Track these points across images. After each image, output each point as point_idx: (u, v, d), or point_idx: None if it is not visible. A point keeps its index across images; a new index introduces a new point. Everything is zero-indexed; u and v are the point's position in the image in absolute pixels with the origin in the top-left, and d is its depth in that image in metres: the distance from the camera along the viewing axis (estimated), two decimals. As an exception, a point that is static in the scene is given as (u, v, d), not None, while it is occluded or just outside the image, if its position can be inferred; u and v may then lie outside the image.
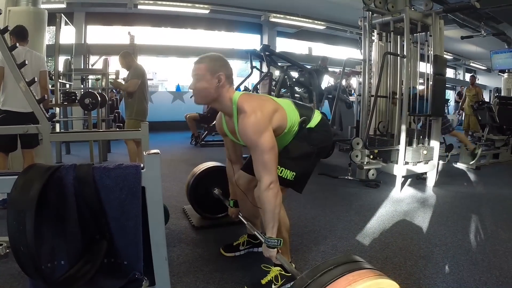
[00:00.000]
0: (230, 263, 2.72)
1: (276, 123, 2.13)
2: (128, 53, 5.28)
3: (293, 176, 2.27)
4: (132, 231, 1.32)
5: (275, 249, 2.04)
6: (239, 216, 2.77)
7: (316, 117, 2.39)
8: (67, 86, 6.85)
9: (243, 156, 2.77)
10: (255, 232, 2.37)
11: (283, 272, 2.34)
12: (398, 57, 5.16)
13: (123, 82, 5.46)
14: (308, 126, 2.34)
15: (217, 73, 2.04)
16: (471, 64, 19.08)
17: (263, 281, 2.35)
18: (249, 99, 2.12)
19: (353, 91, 10.18)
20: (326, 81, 10.04)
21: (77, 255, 1.30)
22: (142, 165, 1.34)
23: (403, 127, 4.79)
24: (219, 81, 2.04)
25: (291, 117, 2.25)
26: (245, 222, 2.63)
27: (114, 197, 1.29)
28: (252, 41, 14.03)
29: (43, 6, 4.90)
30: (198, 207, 3.43)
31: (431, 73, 4.94)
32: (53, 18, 5.84)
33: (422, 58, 5.24)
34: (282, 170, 2.24)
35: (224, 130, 2.40)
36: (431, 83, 4.90)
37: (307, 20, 12.58)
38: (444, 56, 5.38)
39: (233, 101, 2.10)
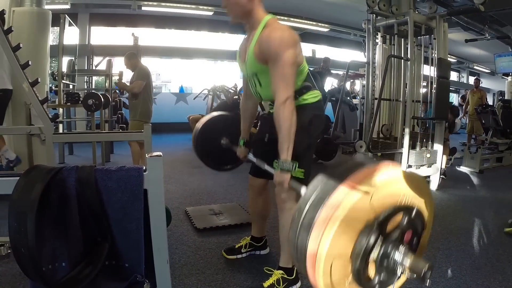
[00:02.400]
0: (232, 266, 2.71)
1: (298, 51, 2.10)
2: (133, 54, 5.29)
3: (302, 174, 2.14)
4: (134, 233, 1.32)
5: (289, 174, 1.93)
6: (248, 157, 2.60)
7: (317, 94, 2.32)
8: (71, 86, 6.87)
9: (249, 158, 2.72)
10: (266, 167, 2.20)
11: (285, 276, 2.33)
12: (402, 60, 5.15)
13: (127, 83, 5.47)
14: (308, 93, 2.27)
15: None
16: (475, 67, 19.03)
17: (265, 284, 2.34)
18: (280, 22, 2.13)
19: (357, 96, 10.17)
20: (330, 84, 10.05)
21: (78, 257, 1.30)
22: (144, 168, 1.33)
23: (407, 130, 4.78)
24: None
25: (304, 62, 2.24)
26: (254, 160, 2.44)
27: (116, 200, 1.29)
28: (255, 43, 14.03)
29: (47, 6, 4.91)
30: (207, 159, 3.10)
31: (435, 76, 4.94)
32: (57, 18, 5.85)
33: (426, 61, 5.23)
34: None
35: (238, 53, 2.37)
36: (434, 86, 4.90)
37: (310, 22, 12.57)
38: (448, 59, 5.37)
39: (264, 19, 2.10)
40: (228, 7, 2.09)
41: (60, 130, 6.49)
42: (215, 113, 3.07)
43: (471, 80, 11.80)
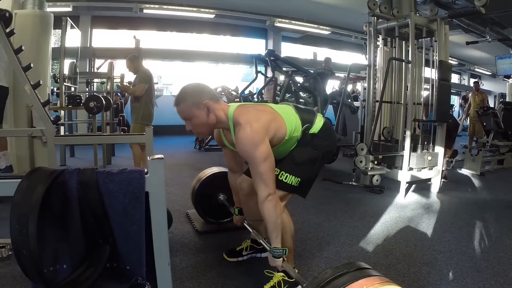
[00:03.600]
0: (233, 268, 2.71)
1: (273, 132, 2.11)
2: (135, 57, 5.30)
3: (298, 182, 2.27)
4: (135, 236, 1.32)
5: (281, 259, 2.05)
6: (244, 224, 2.77)
7: (319, 122, 2.37)
8: (72, 89, 6.87)
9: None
10: (261, 241, 2.37)
11: (286, 278, 2.33)
12: (403, 63, 5.15)
13: (130, 86, 5.48)
14: (311, 132, 2.33)
15: (199, 103, 2.04)
16: (476, 69, 19.03)
17: (266, 287, 2.34)
18: (244, 111, 2.11)
19: (359, 96, 10.16)
20: (331, 86, 10.04)
21: (80, 259, 1.30)
22: (146, 170, 1.34)
23: (408, 133, 4.78)
24: (207, 109, 2.06)
25: (290, 123, 2.23)
26: (251, 230, 2.62)
27: (117, 202, 1.29)
28: (257, 46, 14.05)
29: (49, 9, 4.90)
30: (203, 212, 3.41)
31: (436, 78, 4.94)
32: (59, 21, 5.86)
33: (427, 64, 5.23)
34: (287, 176, 2.24)
35: (224, 142, 2.43)
36: (436, 88, 4.90)
37: (312, 25, 12.58)
38: (449, 61, 5.37)
39: (229, 116, 2.10)
40: (195, 128, 2.12)
41: (62, 132, 6.49)
42: (214, 169, 3.37)
43: (472, 82, 11.78)
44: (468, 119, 10.55)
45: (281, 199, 2.24)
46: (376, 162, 5.07)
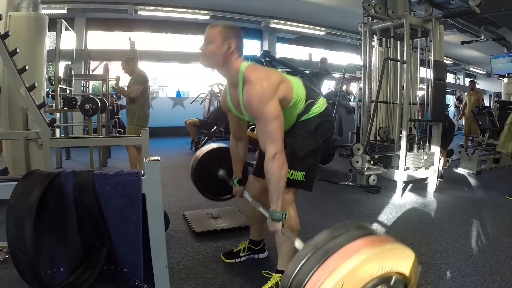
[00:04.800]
0: (231, 270, 2.71)
1: (282, 94, 2.10)
2: (131, 59, 5.29)
3: (303, 176, 2.26)
4: (132, 238, 1.32)
5: (280, 223, 2.00)
6: (244, 195, 2.70)
7: (322, 104, 2.37)
8: (68, 91, 6.86)
9: (249, 162, 2.76)
10: (260, 209, 2.30)
11: (284, 279, 2.33)
12: (398, 63, 5.17)
13: (125, 88, 5.47)
14: (312, 112, 2.31)
15: (228, 40, 2.05)
16: (471, 69, 19.09)
17: (264, 288, 2.34)
18: (256, 69, 2.11)
19: (352, 97, 10.16)
20: (327, 87, 10.04)
21: (77, 262, 1.30)
22: (142, 172, 1.33)
23: (404, 133, 4.79)
24: (229, 48, 2.05)
25: (297, 91, 2.22)
26: (250, 200, 2.55)
27: (114, 204, 1.29)
28: (252, 47, 14.04)
29: (44, 11, 4.88)
30: (204, 190, 3.20)
31: (431, 78, 4.95)
32: (53, 23, 5.84)
33: (422, 64, 5.25)
34: (292, 172, 2.21)
35: (228, 104, 2.38)
36: (431, 88, 4.91)
37: (307, 26, 12.59)
38: (444, 61, 5.38)
39: (240, 71, 2.08)
40: (203, 53, 2.11)
41: (57, 135, 6.47)
42: (213, 145, 3.17)
43: (468, 81, 11.85)
44: (464, 118, 10.56)
45: (289, 196, 2.25)
46: (372, 162, 5.08)
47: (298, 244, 1.81)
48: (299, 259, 1.26)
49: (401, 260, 1.28)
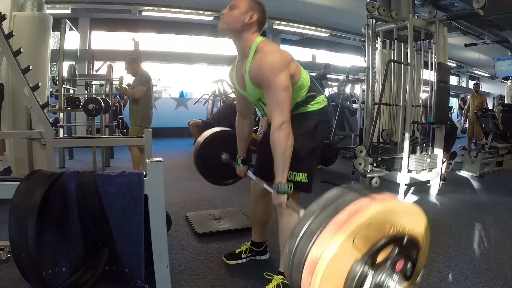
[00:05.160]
0: (232, 271, 2.71)
1: (292, 71, 2.10)
2: (134, 59, 5.30)
3: (306, 177, 2.23)
4: (134, 238, 1.32)
5: (285, 195, 1.98)
6: (248, 174, 2.65)
7: (322, 100, 2.35)
8: (71, 91, 6.87)
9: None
10: (264, 185, 2.27)
11: (285, 281, 2.32)
12: (402, 65, 5.16)
13: (128, 88, 5.48)
14: (312, 106, 2.30)
15: (252, 11, 2.07)
16: (475, 71, 19.06)
17: (265, 289, 2.34)
18: (270, 43, 2.14)
19: (356, 99, 10.16)
20: (327, 91, 10.03)
21: (79, 262, 1.30)
22: (145, 173, 1.34)
23: (407, 135, 4.78)
24: (250, 18, 2.06)
25: (303, 75, 2.22)
26: (254, 178, 2.48)
27: (116, 205, 1.29)
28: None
29: (48, 11, 4.90)
30: (207, 174, 3.16)
31: (435, 80, 4.94)
32: (58, 23, 5.86)
33: (426, 66, 5.23)
34: (295, 174, 2.19)
35: (233, 78, 2.40)
36: (434, 90, 4.91)
37: (311, 27, 12.58)
38: (448, 63, 5.37)
39: (255, 42, 2.11)
40: (224, 16, 2.11)
41: (61, 135, 6.48)
42: (216, 129, 3.09)
43: (471, 84, 11.82)
44: (467, 121, 10.54)
45: (294, 200, 2.19)
46: (375, 164, 5.07)
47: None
48: (307, 215, 1.24)
49: (413, 222, 1.25)
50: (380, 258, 1.13)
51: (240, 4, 2.07)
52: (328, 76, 8.75)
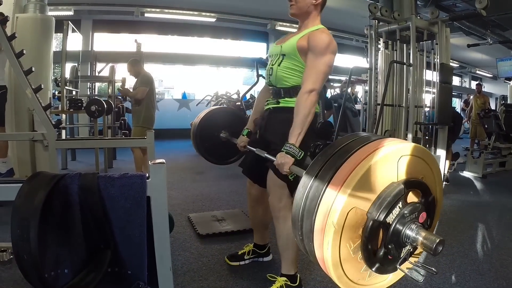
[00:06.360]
0: (235, 273, 2.71)
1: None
2: (136, 61, 5.31)
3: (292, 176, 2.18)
4: (137, 240, 1.32)
5: (292, 158, 1.90)
6: (247, 145, 2.51)
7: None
8: (74, 93, 6.89)
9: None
10: (266, 155, 2.11)
11: (288, 283, 2.32)
12: (404, 66, 5.15)
13: (131, 90, 5.49)
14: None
15: None
16: (477, 71, 19.03)
17: (269, 291, 2.33)
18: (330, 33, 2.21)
19: (358, 99, 10.14)
20: (332, 89, 10.01)
21: (81, 264, 1.30)
22: (147, 175, 1.33)
23: (409, 136, 4.77)
24: (317, 2, 2.20)
25: None
26: (253, 149, 2.33)
27: (119, 207, 1.29)
28: (258, 50, 14.07)
29: (50, 13, 4.93)
30: (207, 154, 3.09)
31: (437, 81, 4.93)
32: (60, 25, 5.88)
33: (428, 66, 5.23)
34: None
35: (271, 48, 2.45)
36: (437, 91, 4.90)
37: (313, 28, 12.59)
38: (450, 64, 5.36)
39: (318, 25, 2.22)
40: (296, 2, 2.21)
41: (63, 136, 6.50)
42: (212, 108, 3.05)
43: (474, 84, 11.81)
44: (470, 121, 10.51)
45: (285, 206, 2.21)
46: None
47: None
48: (318, 160, 1.28)
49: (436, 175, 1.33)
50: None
51: None
52: (330, 77, 8.72)
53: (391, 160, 1.15)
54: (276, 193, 2.23)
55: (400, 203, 1.15)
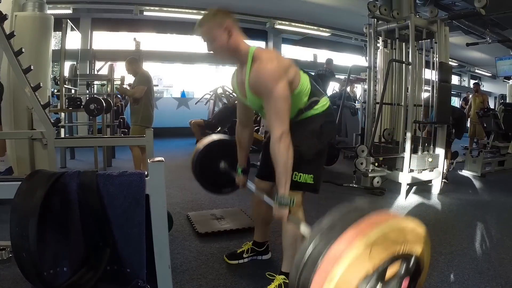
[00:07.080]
0: (234, 271, 2.71)
1: (291, 77, 2.06)
2: (134, 59, 5.31)
3: (312, 179, 2.22)
4: (136, 238, 1.32)
5: (287, 208, 1.93)
6: (247, 185, 2.64)
7: (325, 103, 2.32)
8: (73, 91, 6.88)
9: (253, 163, 2.73)
10: (265, 198, 2.24)
11: (287, 281, 2.32)
12: (403, 64, 5.15)
13: (129, 88, 5.48)
14: (316, 109, 2.26)
15: (222, 25, 2.02)
16: (476, 70, 19.04)
17: (267, 289, 2.34)
18: (266, 50, 2.11)
19: (357, 98, 10.14)
20: (331, 88, 10.02)
21: (80, 262, 1.30)
22: (146, 173, 1.33)
23: (408, 135, 4.78)
24: (229, 32, 2.03)
25: (303, 80, 2.18)
26: (254, 190, 2.50)
27: (117, 205, 1.29)
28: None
29: (49, 11, 4.91)
30: (205, 182, 3.11)
31: (436, 80, 4.94)
32: (59, 23, 5.86)
33: (427, 65, 5.23)
34: (301, 175, 2.18)
35: (234, 85, 2.37)
36: (436, 90, 4.90)
37: (312, 27, 12.58)
38: (449, 63, 5.37)
39: (250, 51, 2.06)
40: (214, 52, 2.09)
41: (62, 135, 6.49)
42: (214, 136, 3.07)
43: (472, 83, 11.86)
44: (469, 120, 10.53)
45: (297, 199, 2.21)
46: (376, 164, 5.07)
47: (304, 229, 1.72)
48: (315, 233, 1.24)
49: (420, 244, 1.34)
50: (388, 274, 1.15)
51: (211, 31, 2.05)
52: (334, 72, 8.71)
53: (361, 259, 1.12)
54: None
55: (379, 286, 1.14)
